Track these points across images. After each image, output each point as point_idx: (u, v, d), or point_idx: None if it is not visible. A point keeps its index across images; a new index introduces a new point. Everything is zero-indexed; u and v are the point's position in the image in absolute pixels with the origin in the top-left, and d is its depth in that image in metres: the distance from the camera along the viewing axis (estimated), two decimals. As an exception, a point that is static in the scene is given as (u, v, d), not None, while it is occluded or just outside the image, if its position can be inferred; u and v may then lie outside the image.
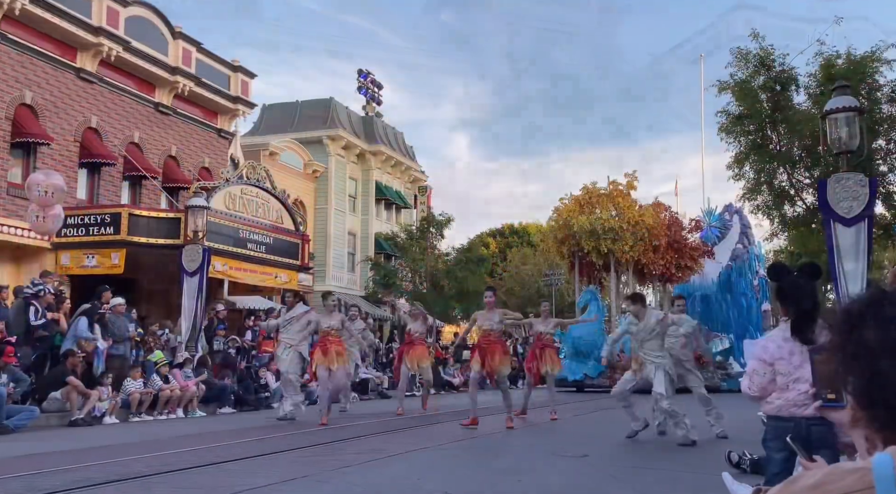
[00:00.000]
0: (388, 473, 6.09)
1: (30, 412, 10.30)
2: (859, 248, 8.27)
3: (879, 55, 14.16)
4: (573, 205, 19.76)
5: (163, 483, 5.58)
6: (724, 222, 23.20)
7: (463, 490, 5.30)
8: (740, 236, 22.69)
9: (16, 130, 17.11)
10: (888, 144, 14.83)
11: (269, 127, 34.33)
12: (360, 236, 35.38)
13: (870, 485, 1.11)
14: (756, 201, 16.20)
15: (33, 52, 17.80)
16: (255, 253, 19.43)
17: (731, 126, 15.54)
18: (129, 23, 20.12)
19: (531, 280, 38.29)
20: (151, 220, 17.63)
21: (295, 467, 6.29)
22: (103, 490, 5.27)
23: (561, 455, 7.26)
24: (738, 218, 23.27)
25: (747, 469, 5.93)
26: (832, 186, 8.46)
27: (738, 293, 21.71)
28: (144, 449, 7.62)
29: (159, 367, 12.91)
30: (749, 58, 15.00)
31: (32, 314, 11.61)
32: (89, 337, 12.06)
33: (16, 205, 17.14)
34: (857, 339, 1.23)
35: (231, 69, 24.14)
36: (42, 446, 8.22)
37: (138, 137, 20.65)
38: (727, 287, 21.61)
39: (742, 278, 21.92)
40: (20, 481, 5.63)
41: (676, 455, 7.37)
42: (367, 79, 38.18)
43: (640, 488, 5.61)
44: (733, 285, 21.69)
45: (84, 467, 6.36)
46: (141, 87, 20.94)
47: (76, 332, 11.97)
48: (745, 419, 11.01)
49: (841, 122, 8.52)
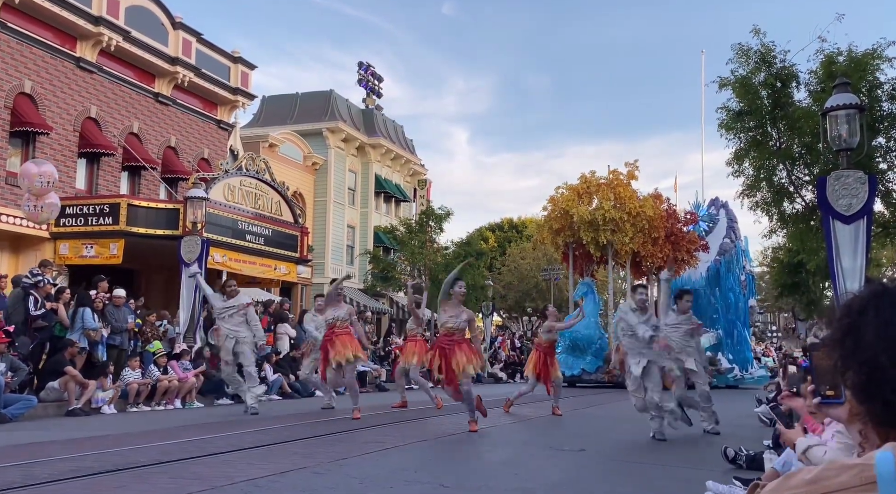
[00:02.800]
0: (385, 465, 6.10)
1: (27, 401, 10.31)
2: (858, 245, 8.27)
3: (881, 53, 14.11)
4: (571, 194, 19.12)
5: (161, 472, 5.59)
6: (711, 217, 22.82)
7: (460, 482, 5.31)
8: (727, 231, 22.32)
9: (15, 119, 17.07)
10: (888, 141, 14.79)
11: (268, 119, 34.26)
12: (359, 229, 35.37)
13: (867, 481, 1.11)
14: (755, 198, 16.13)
15: (33, 41, 17.74)
16: (254, 245, 19.42)
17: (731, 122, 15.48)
18: (130, 12, 20.05)
19: (529, 274, 38.30)
20: (150, 210, 17.62)
21: (293, 458, 6.30)
22: (101, 480, 5.28)
23: (558, 449, 7.28)
24: (724, 212, 22.87)
25: (743, 464, 5.95)
26: (832, 183, 8.46)
27: (725, 288, 21.48)
28: (142, 440, 7.63)
29: (157, 358, 12.93)
30: (750, 54, 14.94)
31: (32, 304, 11.61)
32: (96, 327, 12.21)
33: (14, 194, 17.11)
34: (857, 334, 1.24)
35: (231, 60, 24.08)
36: (39, 435, 8.23)
37: (138, 128, 20.61)
38: (715, 282, 21.38)
39: (730, 273, 21.67)
40: (18, 469, 5.63)
41: (673, 450, 7.39)
42: (368, 71, 38.07)
43: (637, 482, 5.63)
44: (721, 280, 21.45)
45: (81, 456, 6.37)
46: (141, 77, 20.88)
47: (83, 323, 12.07)
48: (742, 415, 11.06)
49: (841, 119, 8.51)
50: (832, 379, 1.51)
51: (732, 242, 22.16)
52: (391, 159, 37.72)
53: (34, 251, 17.17)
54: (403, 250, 31.12)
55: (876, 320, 1.22)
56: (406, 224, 32.26)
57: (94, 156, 19.24)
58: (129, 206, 17.31)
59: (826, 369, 1.49)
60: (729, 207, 23.05)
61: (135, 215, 17.19)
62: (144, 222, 17.29)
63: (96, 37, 19.00)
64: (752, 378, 20.58)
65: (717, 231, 22.04)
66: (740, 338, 21.54)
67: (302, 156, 32.14)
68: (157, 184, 20.86)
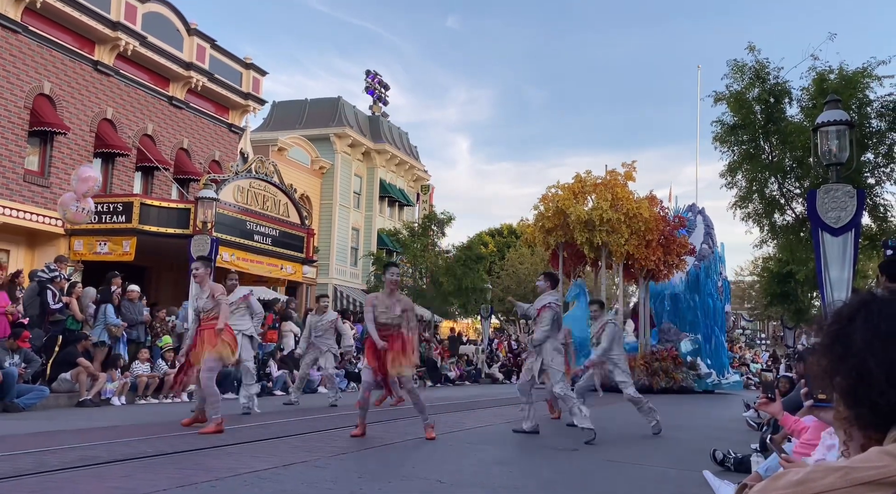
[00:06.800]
0: (384, 460, 6.10)
1: (40, 392, 10.31)
2: (846, 257, 8.26)
3: (870, 71, 14.14)
4: (567, 194, 17.89)
5: (167, 463, 5.59)
6: (689, 223, 22.55)
7: (457, 478, 5.31)
8: (705, 237, 21.91)
9: (34, 119, 17.11)
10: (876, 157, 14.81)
11: (278, 123, 34.30)
12: (363, 232, 35.37)
13: (853, 483, 1.11)
14: (747, 209, 16.13)
15: (53, 45, 17.79)
16: (261, 245, 19.44)
17: (726, 136, 15.50)
18: (146, 18, 20.10)
19: (527, 278, 38.27)
20: (162, 210, 17.64)
21: (295, 452, 6.30)
22: (109, 469, 5.28)
23: (551, 447, 7.27)
24: (701, 218, 22.41)
25: (731, 466, 5.94)
26: (821, 196, 8.46)
27: (704, 294, 21.28)
28: (150, 431, 7.63)
29: (165, 352, 12.93)
30: (745, 70, 14.97)
31: (50, 298, 11.68)
32: (118, 323, 12.32)
33: (32, 191, 17.14)
34: (846, 341, 1.24)
35: (243, 66, 24.12)
36: (51, 425, 8.23)
37: (152, 130, 20.64)
38: (695, 287, 21.21)
39: (709, 278, 21.48)
40: (30, 457, 5.64)
41: (663, 451, 7.38)
42: (375, 79, 38.12)
43: (626, 481, 5.63)
44: (701, 286, 21.29)
45: (91, 446, 6.37)
46: (155, 81, 20.92)
47: (105, 319, 12.14)
48: (730, 419, 11.04)
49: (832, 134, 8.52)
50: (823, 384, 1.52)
51: (710, 248, 21.90)
52: (396, 165, 37.74)
53: (50, 247, 17.18)
54: (406, 252, 31.11)
55: (864, 327, 1.23)
56: (409, 228, 32.26)
57: (109, 156, 19.27)
58: (142, 205, 17.33)
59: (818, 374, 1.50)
60: (706, 213, 22.75)
61: (147, 214, 17.22)
62: (156, 220, 17.32)
63: (114, 41, 19.05)
64: (728, 383, 20.50)
65: (694, 237, 21.62)
66: (718, 343, 21.47)
67: (309, 160, 32.17)
68: (170, 184, 20.88)
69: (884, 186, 15.12)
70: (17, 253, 17.12)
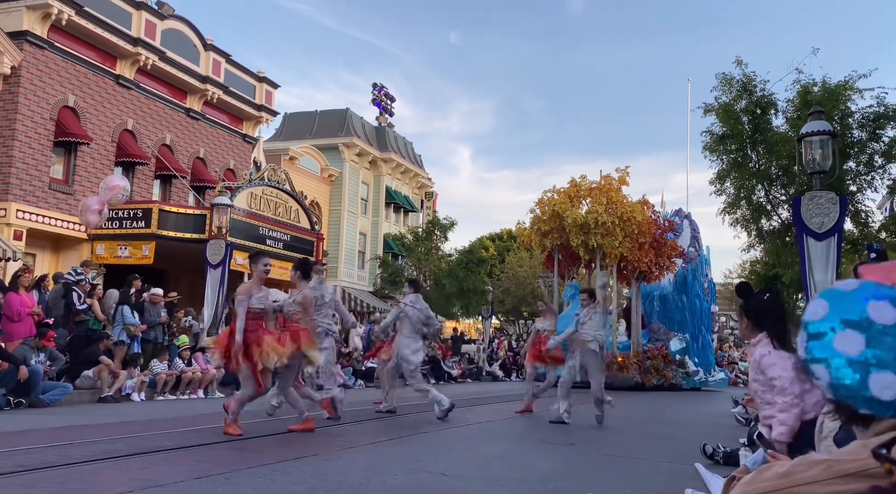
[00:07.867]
0: (389, 454, 6.09)
1: (64, 388, 10.33)
2: (829, 261, 8.26)
3: (852, 84, 14.14)
4: (562, 198, 17.81)
5: (184, 456, 5.60)
6: (677, 227, 22.43)
7: (459, 471, 5.31)
8: (691, 240, 21.83)
9: (59, 130, 17.19)
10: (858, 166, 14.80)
11: (289, 133, 34.38)
12: (370, 236, 35.41)
13: (835, 475, 1.12)
14: (735, 215, 16.12)
15: (77, 60, 17.87)
16: (273, 249, 19.46)
17: (715, 145, 15.50)
18: (165, 34, 20.18)
19: (526, 281, 38.24)
20: (179, 216, 17.68)
21: (305, 446, 6.30)
22: (130, 461, 5.29)
23: (550, 442, 7.27)
24: (687, 222, 22.29)
25: (721, 460, 5.92)
26: (806, 203, 8.46)
27: (692, 295, 21.30)
28: (168, 426, 7.64)
29: (182, 351, 12.95)
30: (733, 83, 14.98)
31: (76, 300, 11.76)
32: (136, 323, 12.37)
33: (57, 198, 17.20)
34: None
35: (256, 80, 24.20)
36: (74, 419, 8.24)
37: (170, 140, 20.70)
38: (683, 289, 21.17)
39: (696, 280, 21.46)
40: (54, 450, 5.65)
41: (656, 445, 7.36)
42: (381, 91, 38.19)
43: (621, 474, 5.62)
44: (688, 287, 21.26)
45: (112, 440, 6.37)
46: (174, 93, 21.00)
47: (123, 319, 12.19)
48: (719, 414, 11.02)
49: (815, 144, 8.52)
50: None
51: (697, 251, 21.89)
52: (401, 173, 37.78)
53: (74, 251, 17.25)
54: (410, 256, 31.14)
55: None
56: (413, 232, 32.30)
57: (129, 164, 19.34)
58: (161, 211, 17.38)
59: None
60: (692, 217, 22.70)
61: (165, 220, 17.26)
62: (174, 226, 17.36)
63: (134, 56, 19.12)
64: (714, 381, 20.44)
65: (681, 241, 21.56)
66: (704, 342, 21.41)
67: (319, 168, 32.23)
68: (187, 191, 20.94)
69: (865, 193, 15.13)
70: (42, 257, 17.17)
